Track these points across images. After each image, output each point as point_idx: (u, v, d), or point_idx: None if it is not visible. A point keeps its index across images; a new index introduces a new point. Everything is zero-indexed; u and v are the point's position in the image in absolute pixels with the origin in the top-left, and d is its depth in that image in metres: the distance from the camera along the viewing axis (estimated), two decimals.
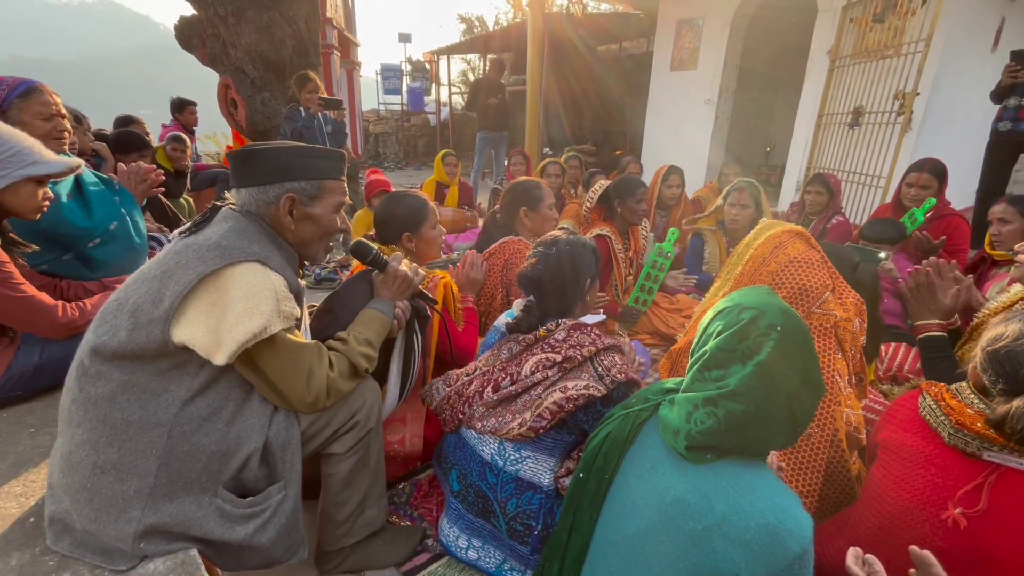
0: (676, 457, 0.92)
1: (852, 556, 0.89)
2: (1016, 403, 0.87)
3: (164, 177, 2.18)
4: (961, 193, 4.88)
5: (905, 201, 2.90)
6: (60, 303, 1.52)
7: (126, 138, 3.10)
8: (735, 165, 4.33)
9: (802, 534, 0.82)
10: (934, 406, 1.02)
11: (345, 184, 1.29)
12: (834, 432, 1.43)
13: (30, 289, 1.45)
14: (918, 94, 3.83)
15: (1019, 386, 0.91)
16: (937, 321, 1.61)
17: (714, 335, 0.91)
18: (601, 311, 2.55)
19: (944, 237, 2.64)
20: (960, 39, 4.34)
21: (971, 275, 1.86)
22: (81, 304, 1.58)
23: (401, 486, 1.65)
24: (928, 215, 2.73)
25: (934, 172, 2.81)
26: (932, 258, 1.69)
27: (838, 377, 1.47)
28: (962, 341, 1.64)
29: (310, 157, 1.19)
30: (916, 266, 1.68)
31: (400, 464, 1.70)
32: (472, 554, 1.36)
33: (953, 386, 1.04)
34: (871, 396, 1.76)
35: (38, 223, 1.54)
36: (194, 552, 1.03)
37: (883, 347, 2.13)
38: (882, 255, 2.16)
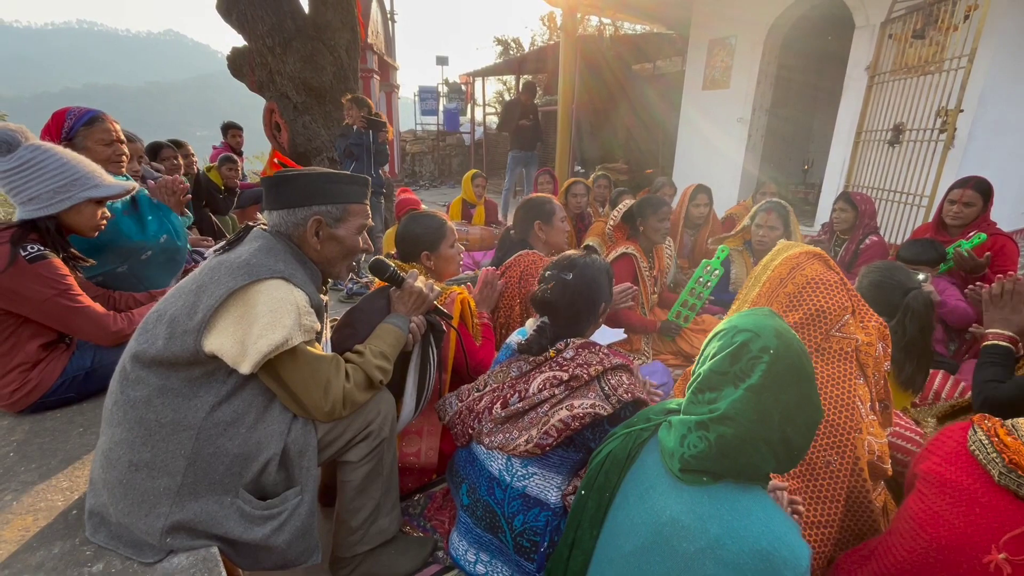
0: (673, 478, 0.92)
1: None
2: None
3: (189, 185, 2.35)
4: (1014, 213, 4.61)
5: (947, 219, 2.77)
6: (112, 313, 1.66)
7: (157, 146, 3.83)
8: (774, 184, 4.26)
9: (797, 563, 0.80)
10: (986, 441, 0.95)
11: (368, 208, 1.37)
12: (855, 460, 1.38)
13: (87, 300, 1.59)
14: (962, 111, 3.68)
15: None
16: (1009, 333, 1.53)
17: (709, 357, 0.91)
18: (621, 329, 2.55)
19: (989, 254, 2.51)
20: (1008, 53, 4.15)
21: None
22: (129, 314, 1.71)
23: (416, 497, 1.69)
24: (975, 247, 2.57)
25: (978, 189, 2.68)
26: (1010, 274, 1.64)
27: (859, 403, 1.43)
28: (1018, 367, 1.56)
29: (336, 183, 1.28)
30: (1000, 276, 1.63)
31: (415, 476, 1.74)
32: (480, 568, 1.38)
33: (1009, 422, 0.97)
34: (902, 423, 1.69)
35: (98, 237, 1.69)
36: (215, 549, 1.10)
37: None
38: (920, 277, 2.08)
